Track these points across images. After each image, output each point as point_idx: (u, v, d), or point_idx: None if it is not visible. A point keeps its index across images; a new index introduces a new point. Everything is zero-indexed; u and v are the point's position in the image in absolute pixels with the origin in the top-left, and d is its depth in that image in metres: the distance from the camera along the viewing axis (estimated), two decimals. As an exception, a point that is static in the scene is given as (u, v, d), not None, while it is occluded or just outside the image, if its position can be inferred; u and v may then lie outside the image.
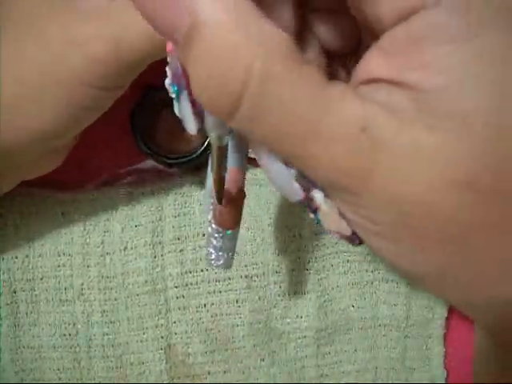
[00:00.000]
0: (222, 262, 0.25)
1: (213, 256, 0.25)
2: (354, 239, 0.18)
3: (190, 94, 0.17)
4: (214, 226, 0.24)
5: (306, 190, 0.18)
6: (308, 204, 0.18)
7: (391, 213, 0.14)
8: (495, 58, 0.13)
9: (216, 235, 0.25)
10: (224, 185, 0.22)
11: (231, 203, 0.24)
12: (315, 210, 0.18)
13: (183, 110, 0.19)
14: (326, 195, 0.17)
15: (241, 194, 0.24)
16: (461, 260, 0.14)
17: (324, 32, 0.18)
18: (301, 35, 0.18)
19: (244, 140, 0.22)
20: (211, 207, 0.24)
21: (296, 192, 0.18)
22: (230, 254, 0.25)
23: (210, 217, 0.24)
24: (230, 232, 0.25)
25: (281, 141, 0.14)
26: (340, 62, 0.19)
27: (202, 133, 0.18)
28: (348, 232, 0.18)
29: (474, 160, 0.13)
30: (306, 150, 0.14)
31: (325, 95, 0.14)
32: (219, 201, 0.23)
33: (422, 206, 0.14)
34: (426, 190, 0.14)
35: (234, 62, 0.13)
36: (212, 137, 0.19)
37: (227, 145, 0.19)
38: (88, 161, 0.35)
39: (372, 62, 0.14)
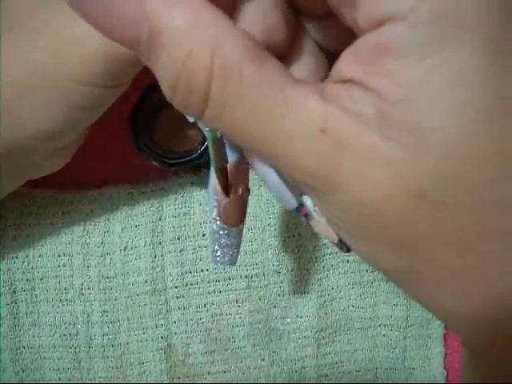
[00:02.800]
0: (227, 259, 0.25)
1: (218, 253, 0.25)
2: (342, 246, 0.18)
3: None
4: (218, 223, 0.24)
5: (299, 195, 0.18)
6: (300, 210, 0.18)
7: (352, 214, 0.15)
8: (456, 74, 0.13)
9: (221, 232, 0.25)
10: (227, 176, 0.22)
11: (235, 199, 0.24)
12: (306, 216, 0.18)
13: None
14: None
15: (245, 190, 0.24)
16: (414, 264, 0.15)
17: (318, 35, 0.18)
18: (295, 38, 0.18)
19: None
20: (215, 204, 0.24)
21: (290, 201, 0.18)
22: (236, 250, 0.25)
23: (214, 214, 0.24)
24: (234, 229, 0.25)
25: (247, 139, 0.15)
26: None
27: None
28: (335, 239, 0.18)
29: (425, 173, 0.13)
30: (270, 148, 0.15)
31: (285, 94, 0.14)
32: (226, 193, 0.23)
33: (376, 210, 0.14)
34: (380, 196, 0.14)
35: (195, 65, 0.14)
36: (206, 131, 0.19)
37: (222, 136, 0.20)
38: (88, 161, 0.35)
39: (345, 64, 0.15)
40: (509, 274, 0.14)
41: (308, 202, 0.18)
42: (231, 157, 0.23)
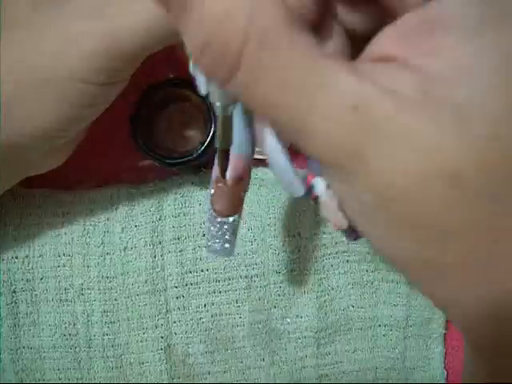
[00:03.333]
0: (219, 249, 0.25)
1: (210, 242, 0.25)
2: (350, 233, 0.18)
3: None
4: (211, 211, 0.24)
5: (310, 176, 0.18)
6: (309, 192, 0.18)
7: (376, 195, 0.14)
8: (506, 55, 0.13)
9: (212, 221, 0.25)
10: (228, 159, 0.22)
11: (226, 190, 0.23)
12: (315, 198, 0.18)
13: (197, 71, 0.19)
14: (323, 176, 0.17)
15: (240, 183, 0.24)
16: (434, 252, 0.14)
17: (347, 16, 0.18)
18: (324, 19, 0.17)
19: (251, 123, 0.22)
20: (212, 191, 0.24)
21: (298, 187, 0.18)
22: (229, 242, 0.25)
23: (208, 203, 0.24)
24: (226, 219, 0.24)
25: (274, 110, 0.14)
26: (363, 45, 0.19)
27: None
28: (345, 225, 0.18)
29: (463, 157, 0.13)
30: (299, 122, 0.14)
31: (320, 67, 0.14)
32: (222, 175, 0.23)
33: (404, 193, 0.14)
34: (411, 177, 0.13)
35: (231, 25, 0.13)
36: (217, 106, 0.19)
37: (231, 115, 0.19)
38: (88, 161, 0.35)
39: (386, 40, 0.14)
40: None
41: (319, 184, 0.18)
42: (239, 150, 0.23)
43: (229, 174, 0.23)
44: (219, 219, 0.24)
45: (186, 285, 0.33)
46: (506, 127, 0.13)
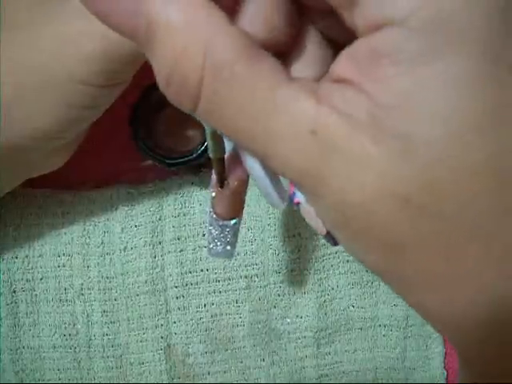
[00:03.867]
0: (220, 251, 0.25)
1: (211, 245, 0.25)
2: (329, 239, 0.18)
3: None
4: (212, 214, 0.25)
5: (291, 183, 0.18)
6: (291, 201, 0.18)
7: (338, 214, 0.15)
8: (449, 84, 0.13)
9: (214, 224, 0.25)
10: (224, 167, 0.22)
11: (227, 193, 0.24)
12: (297, 205, 0.18)
13: None
14: None
15: (240, 184, 0.24)
16: (399, 267, 0.15)
17: (325, 29, 0.18)
18: (300, 33, 0.18)
19: None
20: (213, 194, 0.24)
21: (277, 201, 0.19)
22: (230, 245, 0.25)
23: (209, 205, 0.24)
24: (227, 222, 0.25)
25: (237, 137, 0.15)
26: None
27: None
28: (323, 231, 0.18)
29: (411, 179, 0.14)
30: (259, 147, 0.15)
31: (276, 94, 0.14)
32: (220, 184, 0.23)
33: (361, 212, 0.14)
34: (366, 198, 0.14)
35: (188, 62, 0.14)
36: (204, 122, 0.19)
37: None
38: (88, 161, 0.35)
39: (342, 64, 0.15)
40: (493, 280, 0.14)
41: (298, 192, 0.18)
42: (229, 147, 0.23)
43: (230, 177, 0.23)
44: (221, 222, 0.24)
45: (186, 285, 0.33)
46: (447, 151, 0.13)
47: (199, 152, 0.32)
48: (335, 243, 0.18)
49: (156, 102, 0.33)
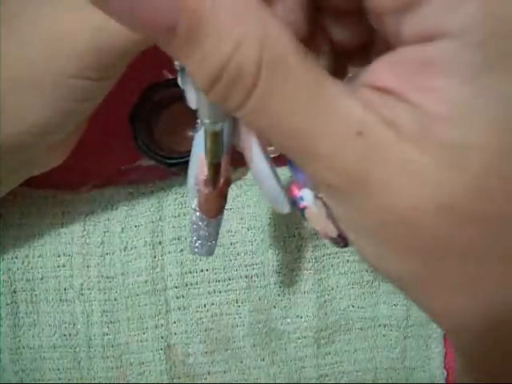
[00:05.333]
0: (204, 250, 0.25)
1: (197, 244, 0.25)
2: (339, 241, 0.18)
3: None
4: (198, 214, 0.25)
5: (298, 188, 0.18)
6: (295, 204, 0.18)
7: (373, 219, 0.15)
8: (504, 98, 0.13)
9: (200, 223, 0.25)
10: (219, 171, 0.22)
11: (217, 192, 0.24)
12: (302, 209, 0.18)
13: (186, 84, 0.19)
14: (317, 192, 0.17)
15: (226, 183, 0.24)
16: (425, 272, 0.15)
17: (336, 31, 0.18)
18: (312, 34, 0.18)
19: (234, 128, 0.22)
20: (196, 194, 0.24)
21: (283, 204, 0.19)
22: (213, 241, 0.25)
23: (194, 205, 0.24)
24: (213, 220, 0.25)
25: (283, 133, 0.15)
26: (348, 59, 0.19)
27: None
28: (334, 234, 0.18)
29: (461, 188, 0.14)
30: (304, 145, 0.15)
31: (327, 92, 0.14)
32: (213, 186, 0.23)
33: (400, 219, 0.14)
34: (409, 205, 0.14)
35: (243, 57, 0.13)
36: (206, 123, 0.19)
37: (222, 131, 0.19)
38: (88, 161, 0.35)
39: (381, 72, 0.15)
40: None
41: (308, 195, 0.18)
42: (226, 152, 0.23)
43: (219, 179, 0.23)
44: (206, 222, 0.25)
45: (186, 285, 0.33)
46: (499, 160, 0.14)
47: (199, 152, 0.32)
48: (345, 245, 0.18)
49: (156, 102, 0.33)
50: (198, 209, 0.25)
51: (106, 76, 0.25)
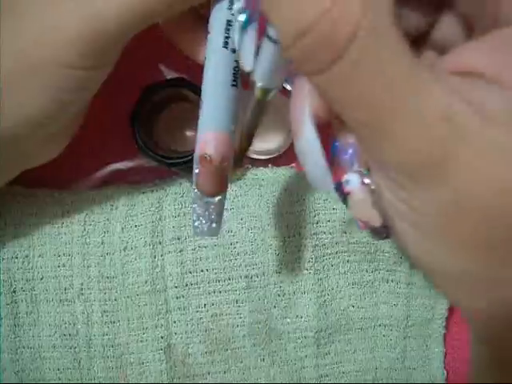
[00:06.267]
0: (206, 229, 0.25)
1: (196, 223, 0.25)
2: (381, 231, 0.17)
3: (260, 27, 0.16)
4: (196, 191, 0.24)
5: (342, 171, 0.17)
6: (338, 188, 0.18)
7: (448, 206, 0.14)
8: None
9: (198, 201, 0.25)
10: (250, 144, 0.21)
11: (212, 169, 0.23)
12: (346, 194, 0.17)
13: (245, 42, 0.18)
14: (372, 175, 0.17)
15: (224, 162, 0.23)
16: (494, 266, 0.14)
17: (406, 13, 0.18)
18: None
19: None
20: (196, 171, 0.24)
21: (328, 182, 0.18)
22: (215, 222, 0.25)
23: (193, 183, 0.24)
24: (212, 199, 0.24)
25: (364, 107, 0.14)
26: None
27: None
28: (377, 223, 0.17)
29: None
30: (383, 124, 0.14)
31: (418, 75, 0.13)
32: (239, 161, 0.22)
33: (483, 206, 0.14)
34: (495, 191, 0.13)
35: (342, 14, 0.13)
36: (257, 88, 0.18)
37: (268, 101, 0.19)
38: (88, 161, 0.35)
39: (471, 55, 0.14)
40: None
41: (355, 179, 0.17)
42: (218, 127, 0.23)
43: (215, 152, 0.23)
44: (205, 199, 0.24)
45: (186, 285, 0.33)
46: None
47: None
48: (386, 236, 0.18)
49: (156, 103, 0.33)
50: (195, 187, 0.24)
51: (100, 64, 0.25)
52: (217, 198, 0.24)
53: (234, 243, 0.33)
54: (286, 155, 0.36)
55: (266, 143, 0.35)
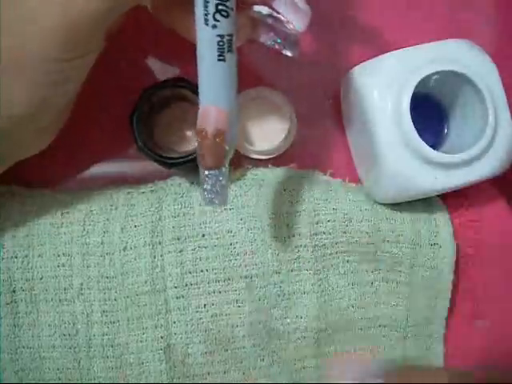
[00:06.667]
0: (215, 199, 0.26)
1: (205, 193, 0.26)
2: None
3: None
4: (201, 165, 0.26)
5: None
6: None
7: None
8: None
9: (204, 175, 0.26)
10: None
11: (207, 143, 0.25)
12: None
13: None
14: None
15: (220, 136, 0.24)
16: None
17: None
18: None
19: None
20: (196, 144, 0.25)
21: None
22: (221, 193, 0.26)
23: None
24: (213, 172, 0.26)
25: None
26: None
27: None
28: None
29: None
30: None
31: None
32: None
33: None
34: None
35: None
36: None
37: None
38: (88, 162, 0.35)
39: None
40: None
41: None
42: (216, 100, 0.24)
43: (210, 126, 0.24)
44: (206, 172, 0.26)
45: (186, 285, 0.33)
46: None
47: (199, 152, 0.32)
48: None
49: (155, 103, 0.33)
50: (198, 159, 0.26)
51: (83, 54, 0.25)
52: (217, 171, 0.25)
53: (233, 243, 0.33)
54: (286, 155, 0.36)
55: (266, 143, 0.35)
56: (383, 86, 0.30)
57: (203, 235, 0.33)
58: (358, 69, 0.32)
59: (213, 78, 0.24)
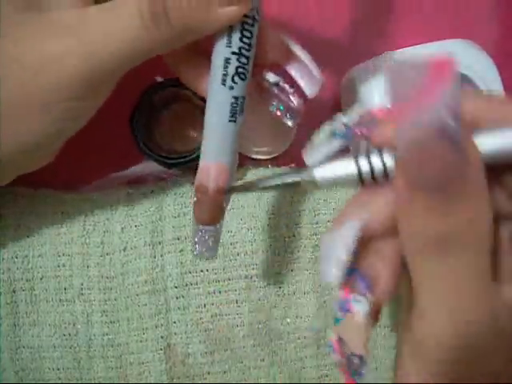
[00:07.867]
0: (202, 253, 0.26)
1: (196, 246, 0.26)
2: (355, 360, 0.18)
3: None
4: (193, 219, 0.25)
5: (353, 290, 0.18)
6: (343, 301, 0.19)
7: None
8: None
9: (195, 227, 0.26)
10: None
11: (208, 200, 0.24)
12: (346, 311, 0.18)
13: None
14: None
15: (220, 192, 0.24)
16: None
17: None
18: None
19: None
20: (194, 200, 0.25)
21: (335, 278, 0.19)
22: (211, 249, 0.26)
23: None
24: (207, 227, 0.25)
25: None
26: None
27: None
28: (360, 351, 0.19)
29: None
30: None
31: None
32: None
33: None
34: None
35: None
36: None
37: None
38: (88, 161, 0.35)
39: None
40: None
41: (364, 303, 0.18)
42: (216, 157, 0.24)
43: (211, 183, 0.24)
44: (200, 227, 0.25)
45: (186, 285, 0.33)
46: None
47: (199, 152, 0.32)
48: (359, 366, 0.19)
49: (156, 103, 0.33)
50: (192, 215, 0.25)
51: (96, 96, 0.26)
52: (212, 227, 0.25)
53: (233, 243, 0.33)
54: (286, 155, 0.36)
55: (266, 143, 0.35)
56: (383, 86, 0.30)
57: (203, 235, 0.33)
58: (358, 69, 0.32)
59: (220, 137, 0.24)
